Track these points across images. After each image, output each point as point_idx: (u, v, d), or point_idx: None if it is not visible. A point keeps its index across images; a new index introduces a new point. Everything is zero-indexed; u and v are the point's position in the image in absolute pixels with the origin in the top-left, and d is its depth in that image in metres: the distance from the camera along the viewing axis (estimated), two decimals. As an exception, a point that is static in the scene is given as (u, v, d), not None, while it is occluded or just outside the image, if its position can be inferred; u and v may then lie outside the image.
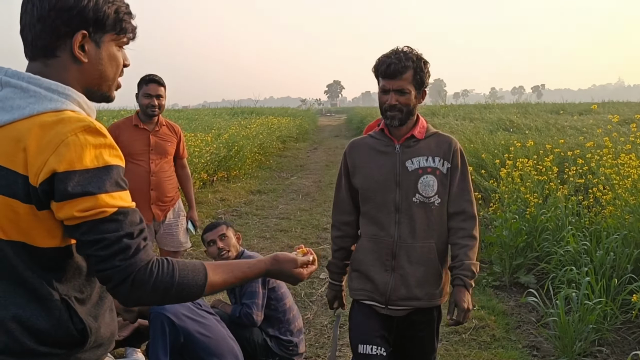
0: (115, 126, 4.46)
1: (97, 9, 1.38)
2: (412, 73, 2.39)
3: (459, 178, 2.50)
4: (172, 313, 2.99)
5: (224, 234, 3.68)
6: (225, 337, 3.19)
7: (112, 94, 1.53)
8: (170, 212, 4.52)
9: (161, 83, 4.36)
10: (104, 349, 1.49)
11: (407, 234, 2.47)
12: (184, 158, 4.73)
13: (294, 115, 32.06)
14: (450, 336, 4.39)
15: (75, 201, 1.25)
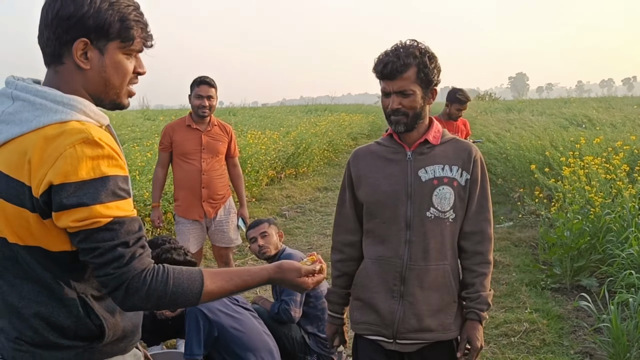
0: (169, 127, 4.66)
1: (98, 16, 1.40)
2: (415, 70, 2.08)
3: (479, 193, 2.21)
4: (207, 307, 3.08)
5: (265, 232, 3.76)
6: (260, 333, 3.26)
7: (122, 101, 1.54)
8: (221, 209, 4.66)
9: (212, 84, 4.50)
10: (128, 340, 1.57)
11: (418, 254, 2.17)
12: (235, 157, 4.87)
13: (368, 112, 31.96)
14: (499, 339, 4.29)
15: (70, 212, 1.31)
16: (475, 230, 2.22)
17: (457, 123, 5.79)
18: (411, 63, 2.09)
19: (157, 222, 4.73)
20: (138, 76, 1.55)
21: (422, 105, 2.16)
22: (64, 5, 1.39)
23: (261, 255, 3.75)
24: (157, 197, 4.76)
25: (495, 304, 4.95)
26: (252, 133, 12.19)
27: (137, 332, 1.62)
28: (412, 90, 2.11)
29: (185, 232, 4.59)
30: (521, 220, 7.50)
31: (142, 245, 1.40)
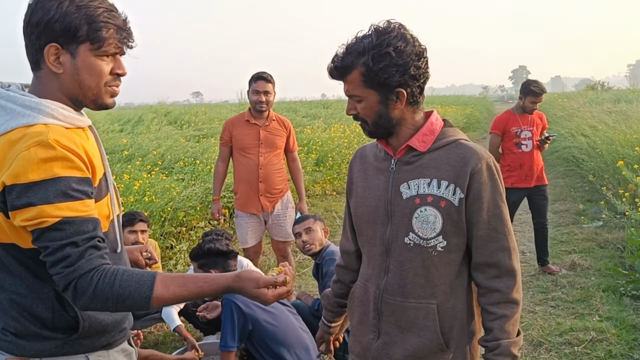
0: (229, 122, 4.78)
1: (64, 20, 1.43)
2: (359, 72, 1.68)
3: (487, 213, 1.71)
4: (242, 301, 3.14)
5: (309, 228, 3.76)
6: (296, 328, 3.27)
7: (104, 102, 1.56)
8: (278, 203, 4.71)
9: (269, 80, 4.57)
10: (110, 335, 1.62)
11: (395, 287, 1.79)
12: (294, 151, 4.91)
13: (466, 103, 31.12)
14: (562, 347, 4.03)
15: (20, 212, 1.36)
16: (488, 262, 1.75)
17: (532, 117, 5.48)
18: (354, 64, 1.69)
19: (217, 215, 4.86)
20: (119, 77, 1.56)
21: (382, 112, 1.73)
22: (33, 12, 1.45)
23: (305, 251, 3.76)
24: (217, 191, 4.88)
25: (564, 310, 4.67)
26: (335, 127, 12.25)
27: (119, 327, 1.65)
28: (359, 96, 1.73)
29: (243, 226, 4.69)
30: (611, 220, 7.01)
31: (93, 245, 1.41)
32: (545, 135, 5.51)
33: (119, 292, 1.40)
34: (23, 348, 1.53)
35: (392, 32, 1.66)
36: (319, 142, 10.33)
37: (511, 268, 1.74)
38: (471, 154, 1.72)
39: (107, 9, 1.49)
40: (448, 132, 1.79)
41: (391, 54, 1.64)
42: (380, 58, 1.65)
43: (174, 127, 12.89)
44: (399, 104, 1.72)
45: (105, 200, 1.57)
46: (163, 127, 12.30)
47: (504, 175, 5.55)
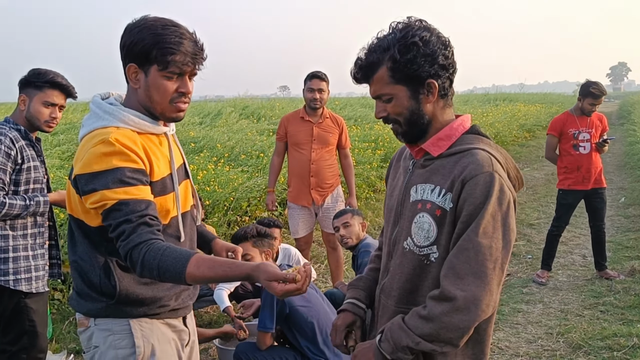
0: (285, 118, 5.04)
1: (140, 44, 1.72)
2: (387, 68, 1.62)
3: (464, 225, 1.56)
4: (279, 287, 3.38)
5: (347, 222, 3.94)
6: (327, 313, 3.45)
7: (170, 115, 1.83)
8: (329, 197, 4.93)
9: (323, 78, 4.80)
10: (149, 308, 1.86)
11: (388, 290, 1.76)
12: (346, 148, 5.11)
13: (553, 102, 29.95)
14: (601, 352, 3.99)
15: (88, 196, 1.68)
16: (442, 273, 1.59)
17: (591, 118, 5.38)
18: (380, 60, 1.62)
19: (271, 206, 5.13)
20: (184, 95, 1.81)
21: (414, 107, 1.66)
22: (122, 36, 1.78)
23: (343, 244, 3.95)
24: (272, 183, 5.16)
25: (613, 315, 4.61)
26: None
27: (159, 302, 1.87)
28: (390, 93, 1.65)
29: (295, 217, 4.95)
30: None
31: (144, 222, 1.66)
32: (603, 138, 5.39)
33: (160, 265, 1.62)
34: (80, 305, 1.86)
35: (414, 25, 1.62)
36: (387, 138, 10.43)
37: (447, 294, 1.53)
38: (472, 163, 1.58)
39: (177, 34, 1.73)
40: (467, 140, 1.67)
41: (418, 44, 1.58)
42: (407, 49, 1.59)
43: (250, 121, 13.35)
44: (430, 96, 1.64)
45: (169, 197, 1.85)
46: (239, 121, 12.78)
47: (561, 177, 5.50)
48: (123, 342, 1.82)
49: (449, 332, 1.54)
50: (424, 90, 1.64)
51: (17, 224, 2.96)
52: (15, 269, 2.94)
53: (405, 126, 1.68)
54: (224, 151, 8.13)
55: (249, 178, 6.85)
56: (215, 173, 6.59)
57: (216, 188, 6.15)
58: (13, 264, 2.93)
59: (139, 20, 1.77)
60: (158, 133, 1.85)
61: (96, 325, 1.83)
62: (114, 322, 1.82)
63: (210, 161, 7.37)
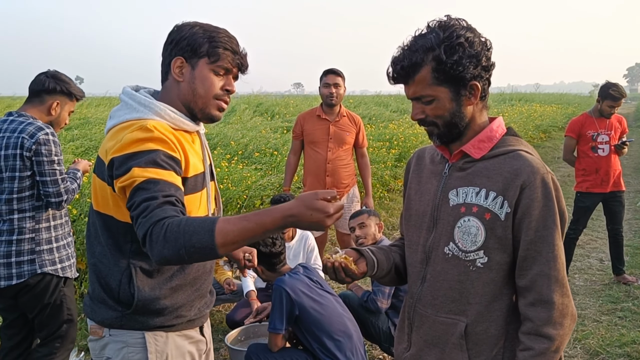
0: (301, 116, 4.99)
1: (191, 39, 1.73)
2: (430, 69, 1.55)
3: (534, 233, 1.55)
4: (290, 287, 3.32)
5: (363, 223, 3.89)
6: (340, 316, 3.41)
7: (211, 112, 1.80)
8: (344, 197, 4.86)
9: (338, 73, 4.75)
10: (166, 319, 1.77)
11: (428, 298, 1.70)
12: (363, 147, 5.04)
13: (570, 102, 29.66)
14: (619, 359, 3.92)
15: (120, 178, 1.58)
16: (527, 286, 1.58)
17: (610, 120, 5.28)
18: (423, 61, 1.55)
19: None
20: (228, 94, 1.81)
21: (455, 110, 1.61)
22: (171, 33, 1.79)
23: (358, 245, 3.89)
24: (287, 182, 5.10)
25: (631, 322, 4.51)
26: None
27: (177, 312, 1.79)
28: (431, 95, 1.59)
29: None
30: None
31: (170, 201, 1.53)
32: (622, 140, 5.29)
33: (185, 229, 1.45)
34: (94, 313, 1.78)
35: (457, 25, 1.57)
36: (402, 137, 10.36)
37: (548, 298, 1.55)
38: (525, 166, 1.56)
39: (227, 36, 1.78)
40: (508, 141, 1.65)
41: (464, 45, 1.54)
42: (453, 50, 1.53)
43: (264, 118, 13.33)
44: (472, 98, 1.60)
45: (200, 195, 1.80)
46: (252, 118, 12.76)
47: (579, 180, 5.41)
48: (137, 356, 1.75)
49: (567, 336, 1.59)
50: (466, 92, 1.59)
51: (56, 213, 3.08)
52: (60, 258, 3.07)
53: (444, 128, 1.63)
54: (237, 148, 8.11)
55: (262, 176, 6.82)
56: (228, 171, 6.56)
57: (229, 186, 6.13)
58: (57, 253, 3.06)
59: (191, 21, 1.79)
60: (192, 130, 1.81)
61: (111, 336, 1.76)
62: (128, 334, 1.75)
63: (224, 158, 7.34)
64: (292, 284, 3.37)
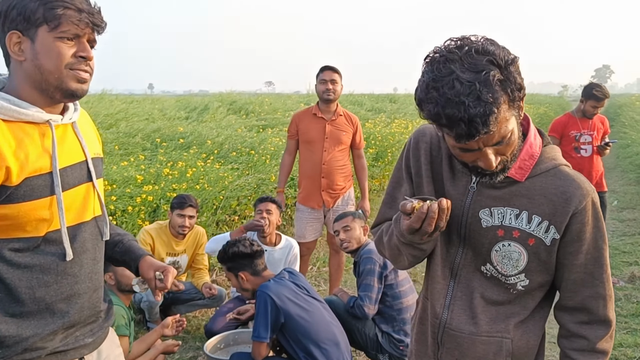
0: (297, 115, 4.81)
1: (20, 5, 1.40)
2: (508, 97, 1.29)
3: (585, 256, 1.47)
4: (275, 294, 3.17)
5: (347, 226, 3.75)
6: (328, 324, 3.28)
7: (68, 86, 1.46)
8: (339, 199, 4.68)
9: (335, 70, 4.59)
10: (10, 350, 1.45)
11: (463, 318, 1.56)
12: (360, 148, 4.85)
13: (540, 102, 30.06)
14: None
15: None
16: (579, 306, 1.52)
17: (592, 121, 5.26)
18: (501, 96, 1.26)
19: None
20: (84, 60, 1.48)
21: (518, 134, 1.40)
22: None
23: (343, 249, 3.76)
24: (281, 183, 4.91)
25: (616, 324, 4.45)
26: (398, 122, 12.12)
27: (23, 344, 1.47)
28: (511, 131, 1.34)
29: (303, 220, 4.69)
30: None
31: None
32: (605, 141, 5.28)
33: None
34: None
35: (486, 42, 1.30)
36: (379, 137, 10.27)
37: (604, 317, 1.51)
38: (575, 189, 1.43)
39: None
40: (547, 154, 1.48)
41: (514, 62, 1.31)
42: (515, 67, 1.31)
43: (238, 117, 13.12)
44: (520, 115, 1.40)
45: (42, 203, 1.46)
46: (226, 116, 12.54)
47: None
48: None
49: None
50: (519, 110, 1.38)
51: None
52: None
53: (511, 161, 1.41)
54: (213, 148, 7.91)
55: (239, 176, 6.64)
56: (204, 170, 6.36)
57: (206, 186, 5.93)
58: None
59: None
60: (37, 121, 1.46)
61: None
62: None
63: (200, 158, 7.14)
64: (277, 289, 3.22)
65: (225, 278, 5.51)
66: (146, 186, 5.52)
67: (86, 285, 1.60)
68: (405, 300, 3.61)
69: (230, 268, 3.46)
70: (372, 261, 3.56)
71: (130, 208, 5.11)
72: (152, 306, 4.23)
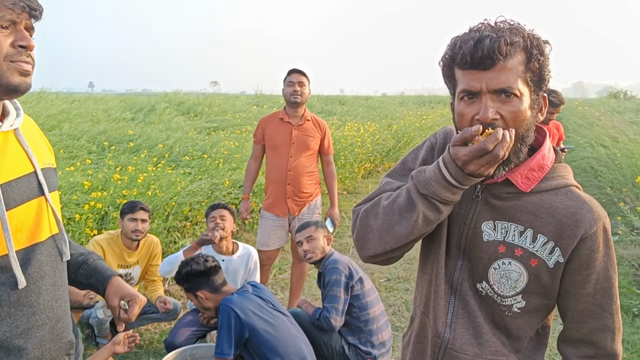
0: (263, 120, 4.63)
1: None
2: (524, 57, 1.27)
3: (594, 286, 1.37)
4: (239, 307, 3.03)
5: (311, 236, 3.63)
6: (295, 338, 3.15)
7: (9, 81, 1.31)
8: (306, 207, 4.52)
9: (303, 73, 4.44)
10: None
11: (466, 337, 1.46)
12: (329, 154, 4.69)
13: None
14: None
15: None
16: (585, 339, 1.42)
17: (548, 127, 5.32)
18: (519, 43, 1.26)
19: (245, 214, 4.69)
20: (25, 50, 1.32)
21: (531, 120, 1.32)
22: None
23: (306, 259, 3.64)
24: (247, 189, 4.74)
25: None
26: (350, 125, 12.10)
27: None
28: (519, 89, 1.27)
29: (266, 227, 4.52)
30: (627, 235, 6.80)
31: None
32: (560, 147, 5.35)
33: None
34: None
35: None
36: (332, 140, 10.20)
37: (612, 352, 1.42)
38: (585, 212, 1.34)
39: None
40: (559, 171, 1.40)
41: (548, 46, 1.30)
42: (542, 48, 1.29)
43: (186, 118, 12.79)
44: (540, 115, 1.36)
45: None
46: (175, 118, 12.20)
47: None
48: None
49: None
50: (539, 102, 1.34)
51: None
52: None
53: (516, 142, 1.31)
54: (163, 151, 7.63)
55: (192, 181, 6.41)
56: (155, 175, 6.10)
57: (157, 192, 5.68)
58: None
59: None
60: None
61: None
62: None
63: (150, 162, 6.86)
64: (241, 303, 3.08)
65: (179, 288, 5.30)
66: (94, 192, 5.23)
67: (46, 315, 1.41)
68: (372, 310, 3.52)
69: (188, 289, 3.31)
70: (337, 271, 3.45)
71: (78, 216, 4.82)
72: (102, 322, 3.99)
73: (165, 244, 5.60)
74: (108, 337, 3.93)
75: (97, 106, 13.54)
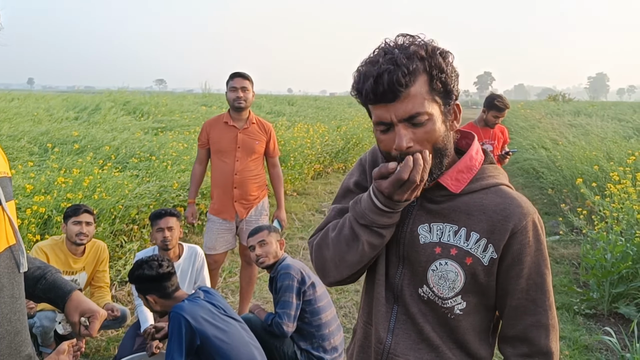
0: (207, 123, 4.58)
1: None
2: (426, 79, 1.29)
3: (527, 281, 1.40)
4: (190, 314, 2.98)
5: (263, 240, 3.62)
6: (247, 345, 3.12)
7: None
8: (253, 209, 4.51)
9: (246, 77, 4.41)
10: None
11: (407, 342, 1.47)
12: (275, 157, 4.70)
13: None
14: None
15: None
16: (520, 337, 1.44)
17: (494, 130, 5.48)
18: (418, 68, 1.27)
19: (191, 218, 4.63)
20: None
21: (445, 132, 1.35)
22: None
23: (259, 264, 3.62)
24: (192, 194, 4.68)
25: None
26: (299, 126, 12.10)
27: None
28: (427, 112, 1.29)
29: (213, 231, 4.48)
30: (568, 235, 7.07)
31: None
32: (505, 150, 5.51)
33: None
34: None
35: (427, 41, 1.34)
36: (281, 141, 10.16)
37: (547, 349, 1.42)
38: (514, 207, 1.38)
39: None
40: (488, 171, 1.45)
41: (450, 56, 1.33)
42: (443, 58, 1.31)
43: (133, 118, 12.49)
44: (455, 123, 1.39)
45: None
46: (120, 117, 11.89)
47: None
48: None
49: None
50: (451, 113, 1.38)
51: None
52: None
53: (436, 158, 1.35)
54: (109, 153, 7.42)
55: (139, 184, 6.26)
56: (101, 178, 5.93)
57: (103, 195, 5.53)
58: None
59: None
60: None
61: None
62: None
63: (96, 164, 6.66)
64: (192, 310, 3.03)
65: (126, 293, 5.18)
66: (37, 196, 5.04)
67: (4, 328, 1.35)
68: (324, 315, 3.53)
69: (139, 289, 3.23)
70: (290, 277, 3.45)
71: (19, 221, 4.64)
72: (47, 331, 3.86)
73: (112, 248, 5.46)
74: (52, 346, 3.80)
75: (38, 105, 13.07)
